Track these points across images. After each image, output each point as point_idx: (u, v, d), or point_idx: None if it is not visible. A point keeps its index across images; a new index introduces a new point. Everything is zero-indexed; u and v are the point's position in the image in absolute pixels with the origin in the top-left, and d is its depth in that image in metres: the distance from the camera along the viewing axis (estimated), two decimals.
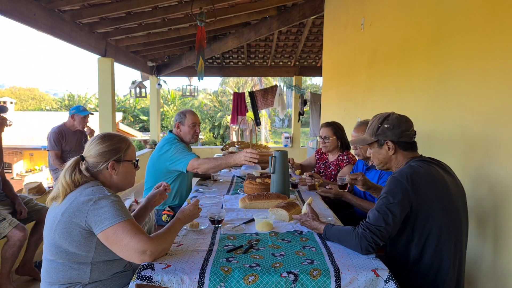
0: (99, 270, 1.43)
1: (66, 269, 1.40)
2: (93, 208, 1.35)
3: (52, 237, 1.39)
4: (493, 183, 1.76)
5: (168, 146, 2.63)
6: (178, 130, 2.76)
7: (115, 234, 1.34)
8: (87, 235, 1.37)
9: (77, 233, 1.36)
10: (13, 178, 14.65)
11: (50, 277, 1.42)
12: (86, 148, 1.51)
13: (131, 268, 1.57)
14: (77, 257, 1.39)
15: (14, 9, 3.18)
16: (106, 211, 1.35)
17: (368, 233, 1.45)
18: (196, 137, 2.82)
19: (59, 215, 1.37)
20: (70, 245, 1.37)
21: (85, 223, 1.35)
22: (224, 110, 23.08)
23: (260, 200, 2.17)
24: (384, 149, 1.64)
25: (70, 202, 1.38)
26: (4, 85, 36.49)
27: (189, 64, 7.58)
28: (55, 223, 1.38)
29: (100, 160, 1.47)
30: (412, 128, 1.63)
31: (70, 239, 1.36)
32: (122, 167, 1.52)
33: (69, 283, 1.42)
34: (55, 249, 1.39)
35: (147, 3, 4.36)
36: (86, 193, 1.39)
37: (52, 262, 1.41)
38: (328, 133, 2.89)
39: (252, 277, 1.31)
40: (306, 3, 5.78)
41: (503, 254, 1.69)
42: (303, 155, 8.49)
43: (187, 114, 2.77)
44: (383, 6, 3.24)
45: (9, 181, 2.87)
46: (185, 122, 2.74)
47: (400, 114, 1.65)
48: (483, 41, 1.84)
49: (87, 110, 3.99)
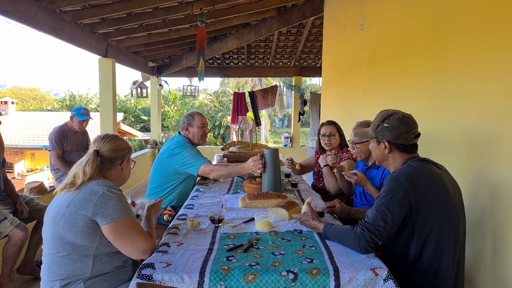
0: (101, 262, 1.46)
1: (68, 262, 1.42)
2: (101, 200, 1.41)
3: (55, 231, 1.41)
4: (493, 183, 1.77)
5: (179, 149, 2.63)
6: (187, 132, 2.76)
7: (124, 229, 1.41)
8: (92, 225, 1.40)
9: (82, 223, 1.39)
10: (14, 177, 14.65)
11: (51, 272, 1.44)
12: (98, 144, 1.58)
13: (130, 264, 1.60)
14: (80, 249, 1.41)
15: (15, 9, 3.19)
16: (114, 205, 1.42)
17: (367, 233, 1.46)
18: (205, 138, 2.82)
19: (64, 208, 1.41)
20: (75, 236, 1.40)
21: (92, 213, 1.39)
22: (224, 110, 23.09)
23: (260, 199, 2.18)
24: (381, 146, 1.65)
25: (76, 193, 1.43)
26: (5, 85, 36.53)
27: (189, 65, 7.59)
28: (58, 216, 1.41)
29: (118, 156, 1.60)
30: (414, 130, 1.59)
31: (75, 229, 1.39)
32: (128, 166, 1.68)
33: (71, 277, 1.43)
34: (58, 241, 1.41)
35: (148, 4, 4.37)
36: (93, 185, 1.45)
37: (54, 255, 1.43)
38: (332, 130, 2.90)
39: (251, 276, 1.32)
40: (306, 4, 5.79)
41: (502, 254, 1.70)
42: (303, 155, 8.49)
43: (195, 115, 2.78)
44: (382, 6, 3.25)
45: (10, 180, 2.88)
46: (193, 124, 2.74)
47: (404, 115, 1.62)
48: (482, 41, 1.85)
49: (88, 114, 3.93)
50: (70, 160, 3.75)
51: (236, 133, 14.62)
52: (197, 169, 2.55)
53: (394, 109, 1.66)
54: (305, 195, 2.52)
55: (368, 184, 2.23)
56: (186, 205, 2.24)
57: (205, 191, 2.63)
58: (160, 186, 2.70)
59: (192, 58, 7.31)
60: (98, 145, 1.58)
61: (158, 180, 2.70)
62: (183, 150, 2.61)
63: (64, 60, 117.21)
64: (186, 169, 2.60)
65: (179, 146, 2.65)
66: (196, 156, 2.60)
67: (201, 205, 2.23)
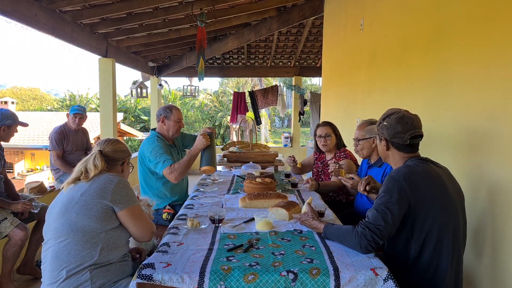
0: (108, 249, 1.52)
1: (77, 249, 1.47)
2: (117, 188, 1.56)
3: (66, 218, 1.49)
4: (493, 183, 1.77)
5: (147, 145, 2.66)
6: (163, 124, 2.78)
7: (137, 213, 1.61)
8: (107, 211, 1.54)
9: (98, 208, 1.51)
10: (14, 177, 14.65)
11: (60, 260, 1.47)
12: (101, 145, 1.70)
13: (130, 259, 1.68)
14: (91, 233, 1.48)
15: (15, 9, 3.19)
16: (127, 193, 1.59)
17: (368, 232, 1.46)
18: (179, 132, 2.85)
19: (77, 196, 1.52)
20: (89, 220, 1.48)
21: (110, 200, 1.53)
22: (224, 110, 23.10)
23: (260, 199, 2.18)
24: (382, 144, 1.70)
25: (90, 184, 1.56)
26: (5, 85, 36.51)
27: (189, 65, 7.58)
28: (71, 204, 1.50)
29: (120, 156, 1.74)
30: (411, 131, 1.59)
31: (90, 214, 1.49)
32: (128, 168, 1.83)
33: (78, 265, 1.46)
34: (69, 227, 1.48)
35: (148, 4, 4.37)
36: (106, 176, 1.60)
37: (63, 243, 1.47)
38: (328, 131, 2.92)
39: (252, 276, 1.32)
40: (305, 4, 5.80)
41: (502, 254, 1.70)
42: (303, 155, 8.50)
43: (173, 109, 2.80)
44: (382, 7, 3.25)
45: (11, 180, 2.88)
46: (170, 117, 2.77)
47: (406, 115, 1.62)
48: (482, 41, 1.85)
49: (80, 109, 3.89)
50: (70, 160, 3.75)
51: (236, 133, 14.63)
52: (161, 171, 2.54)
53: (400, 109, 1.68)
54: (305, 195, 2.52)
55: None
56: (186, 205, 2.24)
57: (205, 191, 2.63)
58: (145, 182, 2.74)
59: (192, 58, 7.31)
60: (101, 146, 1.70)
61: (142, 178, 2.75)
62: (150, 146, 2.64)
63: (64, 60, 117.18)
64: (154, 167, 2.60)
65: (147, 143, 2.69)
66: (158, 155, 2.56)
67: (201, 205, 2.23)
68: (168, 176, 2.52)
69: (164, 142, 2.72)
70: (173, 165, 2.51)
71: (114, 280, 1.53)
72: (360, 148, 2.39)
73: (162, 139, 2.74)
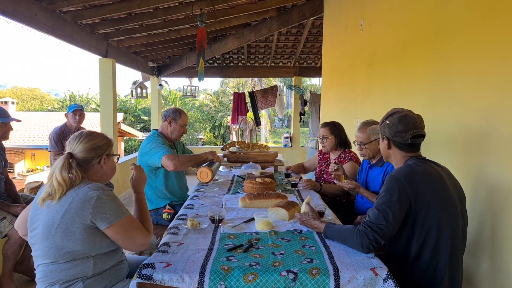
0: (101, 261, 1.46)
1: (69, 267, 1.42)
2: (97, 204, 1.38)
3: (51, 241, 1.39)
4: (493, 183, 1.77)
5: (148, 141, 2.70)
6: (169, 125, 2.81)
7: (123, 228, 1.44)
8: (90, 231, 1.39)
9: (80, 231, 1.38)
10: (14, 177, 14.65)
11: (50, 278, 1.43)
12: (71, 145, 1.50)
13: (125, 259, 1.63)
14: (81, 254, 1.41)
15: (15, 9, 3.20)
16: (110, 207, 1.41)
17: (370, 231, 1.46)
18: (181, 137, 2.91)
19: (58, 219, 1.37)
20: (75, 244, 1.38)
21: (90, 220, 1.38)
22: (224, 110, 23.10)
23: (260, 199, 2.18)
24: (384, 142, 1.71)
25: (69, 203, 1.38)
26: (6, 85, 36.55)
27: (189, 65, 7.58)
28: (53, 227, 1.38)
29: (93, 155, 1.51)
30: (413, 131, 1.60)
31: (74, 238, 1.38)
32: (110, 161, 1.59)
33: (71, 280, 1.43)
34: (57, 251, 1.39)
35: (148, 4, 4.37)
36: (84, 191, 1.40)
37: (53, 264, 1.42)
38: (325, 133, 2.93)
39: (251, 276, 1.33)
40: (305, 4, 5.79)
41: (502, 253, 1.70)
42: (303, 155, 8.51)
43: (182, 114, 2.85)
44: (382, 7, 3.25)
45: (11, 180, 2.89)
46: (178, 121, 2.81)
47: (409, 114, 1.63)
48: (482, 41, 1.85)
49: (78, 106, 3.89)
50: None
51: (236, 133, 14.63)
52: (160, 159, 2.56)
53: (403, 108, 1.69)
54: (305, 195, 2.52)
55: (361, 190, 2.34)
56: (186, 205, 2.24)
57: (205, 191, 2.63)
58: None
59: (192, 58, 7.31)
60: (71, 146, 1.50)
61: None
62: (150, 141, 2.68)
63: (64, 60, 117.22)
64: (152, 160, 2.61)
65: (148, 140, 2.73)
66: (158, 146, 2.61)
67: (201, 205, 2.23)
68: (167, 162, 2.52)
69: (165, 141, 2.76)
70: (173, 155, 2.57)
71: (110, 286, 1.50)
72: (365, 153, 2.40)
73: (163, 138, 2.78)
